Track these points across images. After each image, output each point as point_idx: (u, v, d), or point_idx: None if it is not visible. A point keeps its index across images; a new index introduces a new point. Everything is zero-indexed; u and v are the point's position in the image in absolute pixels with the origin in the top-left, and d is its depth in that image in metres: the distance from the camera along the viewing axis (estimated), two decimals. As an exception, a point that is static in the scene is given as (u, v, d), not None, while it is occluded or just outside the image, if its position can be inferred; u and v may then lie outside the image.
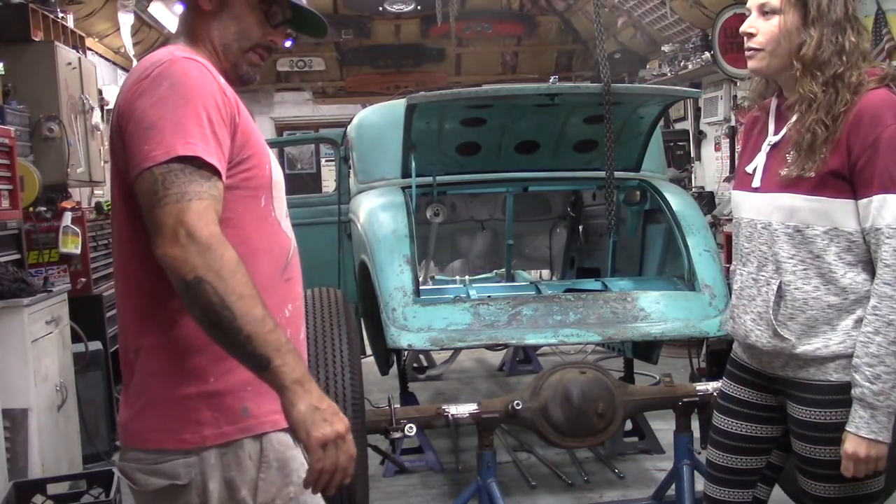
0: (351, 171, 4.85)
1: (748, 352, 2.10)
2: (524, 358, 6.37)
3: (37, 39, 5.40)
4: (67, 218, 4.66)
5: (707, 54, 7.56)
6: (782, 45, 1.93)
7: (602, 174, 3.89)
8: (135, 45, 7.85)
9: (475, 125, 4.09)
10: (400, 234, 3.63)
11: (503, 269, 4.71)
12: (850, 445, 1.85)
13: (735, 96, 8.15)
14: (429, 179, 4.03)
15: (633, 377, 4.82)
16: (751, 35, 1.97)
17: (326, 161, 11.60)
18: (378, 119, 4.76)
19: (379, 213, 3.84)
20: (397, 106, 4.22)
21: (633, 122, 4.13)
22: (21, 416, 3.62)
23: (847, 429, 1.86)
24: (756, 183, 2.02)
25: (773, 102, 2.07)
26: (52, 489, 3.41)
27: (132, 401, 1.57)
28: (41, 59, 5.34)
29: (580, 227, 5.06)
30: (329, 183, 11.42)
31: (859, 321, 1.90)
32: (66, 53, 5.64)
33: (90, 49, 7.14)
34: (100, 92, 6.57)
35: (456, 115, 4.01)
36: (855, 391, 1.86)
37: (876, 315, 1.84)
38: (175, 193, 1.41)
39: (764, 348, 2.00)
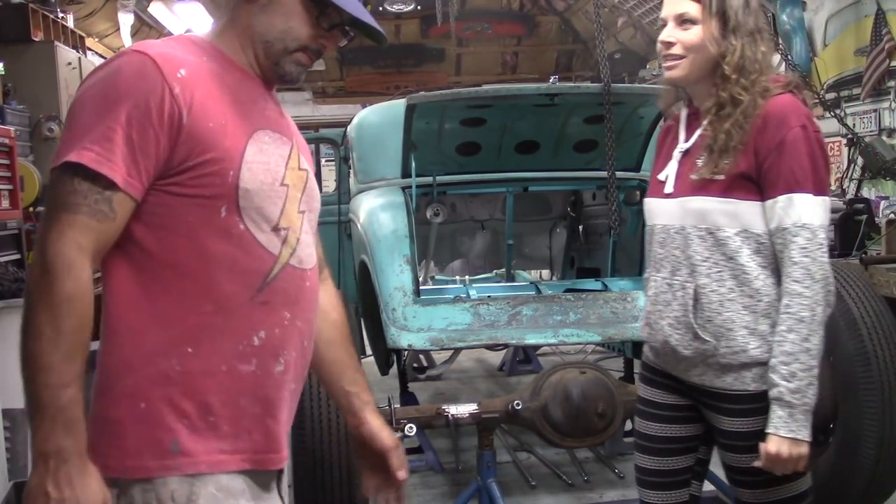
0: (351, 171, 4.85)
1: (663, 358, 2.11)
2: (524, 358, 6.37)
3: (37, 39, 5.41)
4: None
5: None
6: (703, 54, 1.96)
7: (602, 174, 3.89)
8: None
9: (475, 125, 4.09)
10: (400, 234, 3.63)
11: (503, 269, 4.71)
12: (772, 446, 1.86)
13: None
14: (429, 179, 4.03)
15: (633, 377, 4.82)
16: (670, 44, 1.99)
17: (326, 161, 11.58)
18: (378, 119, 4.76)
19: (379, 213, 3.84)
20: (397, 106, 4.21)
21: (633, 122, 4.13)
22: (21, 416, 3.62)
23: (767, 430, 1.87)
24: (668, 189, 2.05)
25: (683, 112, 2.11)
26: (52, 489, 3.41)
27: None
28: (41, 59, 5.35)
29: (580, 227, 5.06)
30: (329, 183, 11.39)
31: (774, 326, 1.93)
32: (66, 53, 5.65)
33: (90, 49, 7.15)
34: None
35: (456, 115, 4.01)
36: (772, 392, 1.87)
37: (788, 313, 1.87)
38: (55, 203, 1.30)
39: (685, 352, 2.01)
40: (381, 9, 10.07)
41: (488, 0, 10.25)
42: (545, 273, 5.74)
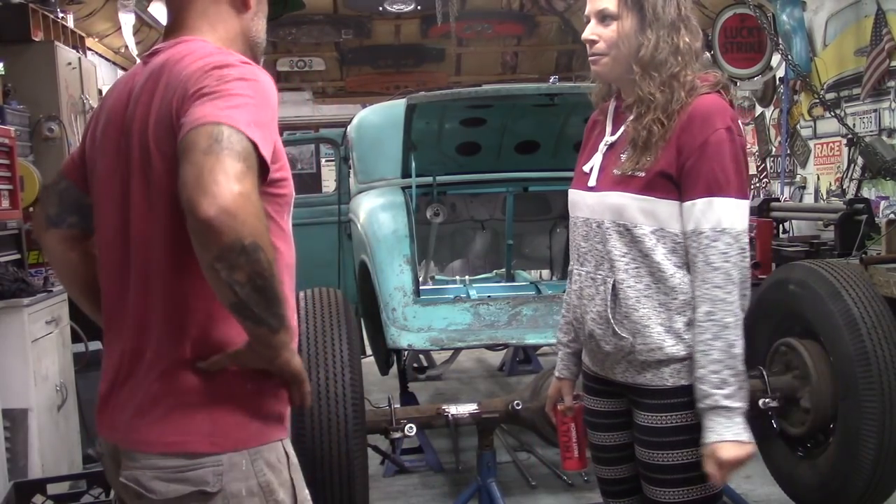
0: (351, 171, 4.85)
1: (593, 358, 2.10)
2: (524, 358, 6.37)
3: (37, 39, 5.40)
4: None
5: (707, 54, 7.57)
6: (622, 50, 1.94)
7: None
8: (138, 43, 7.86)
9: (475, 125, 4.09)
10: (400, 234, 3.64)
11: (503, 269, 4.71)
12: (723, 452, 1.82)
13: (735, 96, 8.14)
14: (429, 179, 4.04)
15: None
16: (593, 42, 1.98)
17: (326, 161, 11.60)
18: (378, 119, 4.76)
19: (379, 213, 3.84)
20: (397, 106, 4.22)
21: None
22: (21, 416, 3.62)
23: (708, 441, 1.84)
24: (592, 182, 2.02)
25: (612, 104, 2.09)
26: (52, 489, 3.41)
27: (146, 402, 1.49)
28: (41, 59, 5.34)
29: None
30: (329, 183, 11.42)
31: (688, 323, 1.91)
32: (66, 53, 5.64)
33: (90, 49, 7.15)
34: (100, 92, 6.57)
35: (456, 115, 4.01)
36: (706, 402, 1.84)
37: (712, 320, 1.84)
38: (238, 152, 1.32)
39: (606, 347, 1.99)
40: (381, 9, 10.05)
41: (488, 0, 10.24)
42: (545, 273, 5.73)
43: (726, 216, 1.84)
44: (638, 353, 1.94)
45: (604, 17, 1.96)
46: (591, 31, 1.98)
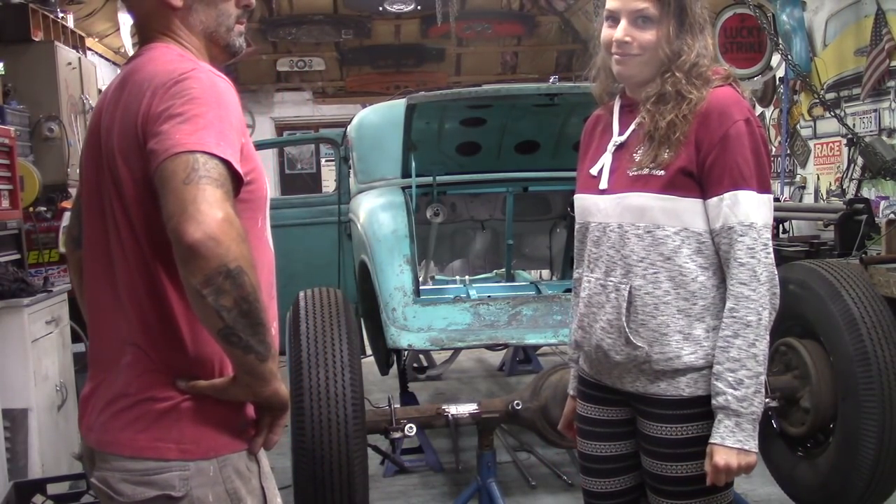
0: (351, 171, 4.85)
1: (597, 366, 2.02)
2: (524, 358, 6.37)
3: (37, 39, 5.40)
4: (67, 218, 4.66)
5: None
6: (659, 55, 1.89)
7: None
8: (134, 45, 7.85)
9: (475, 125, 4.09)
10: (400, 234, 3.64)
11: (503, 269, 4.71)
12: (719, 457, 1.78)
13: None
14: (429, 179, 4.03)
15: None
16: (627, 43, 1.90)
17: (326, 161, 11.61)
18: (378, 119, 4.76)
19: (379, 213, 3.84)
20: (397, 106, 4.22)
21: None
22: (21, 416, 3.63)
23: (712, 441, 1.80)
24: (603, 185, 1.96)
25: (617, 103, 2.03)
26: (52, 489, 3.42)
27: (119, 406, 1.51)
28: (41, 59, 5.34)
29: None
30: (329, 183, 11.44)
31: (709, 330, 1.86)
32: (66, 53, 5.64)
33: (90, 49, 7.15)
34: (99, 91, 6.58)
35: (456, 115, 4.01)
36: (718, 400, 1.80)
37: (734, 318, 1.80)
38: (215, 179, 1.36)
39: (617, 357, 1.92)
40: (381, 9, 10.04)
41: (488, 0, 10.23)
42: (545, 273, 5.73)
43: (751, 210, 1.80)
44: (654, 362, 1.88)
45: (641, 19, 1.88)
46: (624, 31, 1.89)
